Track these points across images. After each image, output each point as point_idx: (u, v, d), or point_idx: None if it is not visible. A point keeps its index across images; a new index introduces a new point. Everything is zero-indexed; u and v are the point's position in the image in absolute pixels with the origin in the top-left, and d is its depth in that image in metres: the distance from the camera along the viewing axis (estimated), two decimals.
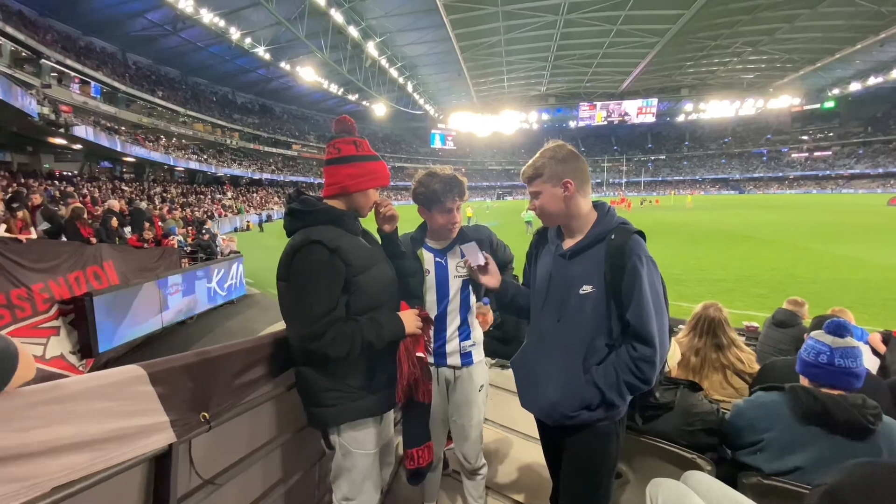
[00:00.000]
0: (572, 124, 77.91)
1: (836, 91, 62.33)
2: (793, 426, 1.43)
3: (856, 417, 1.33)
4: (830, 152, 68.49)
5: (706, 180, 76.45)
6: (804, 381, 1.51)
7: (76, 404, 0.92)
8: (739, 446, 1.58)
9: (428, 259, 1.83)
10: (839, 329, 1.45)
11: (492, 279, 1.66)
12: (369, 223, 1.69)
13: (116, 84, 29.55)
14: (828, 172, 66.26)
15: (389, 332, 1.47)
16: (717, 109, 71.28)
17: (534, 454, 2.59)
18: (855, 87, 57.69)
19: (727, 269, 10.73)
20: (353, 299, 1.46)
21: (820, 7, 34.33)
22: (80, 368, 5.44)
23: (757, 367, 2.25)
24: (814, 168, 68.36)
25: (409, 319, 1.53)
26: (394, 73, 46.29)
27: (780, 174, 70.72)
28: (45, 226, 6.46)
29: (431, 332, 1.69)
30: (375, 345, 1.44)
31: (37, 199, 7.00)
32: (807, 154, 70.82)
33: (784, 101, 66.49)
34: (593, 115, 76.26)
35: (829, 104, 66.15)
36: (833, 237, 15.89)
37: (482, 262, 1.63)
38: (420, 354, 1.53)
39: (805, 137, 71.78)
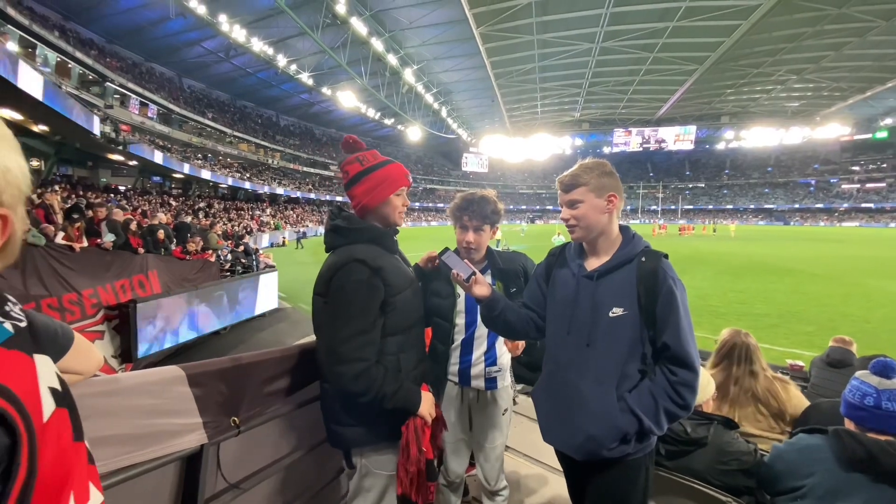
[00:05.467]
0: (606, 150, 77.21)
1: (888, 121, 59.42)
2: (836, 472, 1.34)
3: None
4: (884, 184, 64.77)
5: (748, 210, 73.56)
6: (849, 425, 1.43)
7: (122, 399, 0.99)
8: (778, 491, 1.49)
9: None
10: (886, 369, 1.36)
11: (482, 288, 1.54)
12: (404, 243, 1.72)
13: (172, 106, 31.73)
14: (881, 205, 62.59)
15: (404, 398, 1.44)
16: (759, 137, 69.04)
17: (558, 486, 2.50)
18: None
19: (770, 304, 10.18)
20: (389, 320, 1.47)
21: (869, 35, 33.13)
22: (120, 372, 5.69)
23: (796, 397, 2.13)
24: (866, 200, 64.67)
25: (427, 401, 1.50)
26: (429, 98, 47.55)
27: (829, 205, 67.27)
28: (110, 237, 6.87)
29: (443, 436, 1.66)
30: (387, 402, 1.40)
31: (101, 212, 7.49)
32: (858, 185, 67.22)
33: (832, 131, 63.65)
34: (628, 141, 75.47)
35: (882, 134, 62.82)
36: (888, 273, 14.85)
37: (466, 274, 1.51)
38: (425, 449, 1.47)
39: (856, 168, 68.29)
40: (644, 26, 32.65)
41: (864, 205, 64.36)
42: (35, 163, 20.87)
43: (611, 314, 1.35)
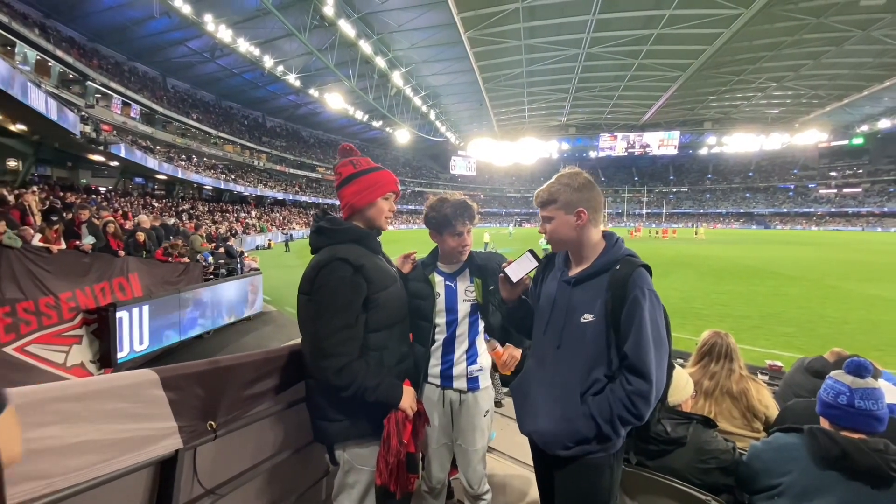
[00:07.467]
0: (592, 154, 78.14)
1: (864, 128, 61.23)
2: (811, 470, 1.36)
3: (877, 464, 1.26)
4: (860, 189, 66.72)
5: (730, 214, 75.06)
6: (824, 423, 1.45)
7: (92, 403, 0.95)
8: (756, 490, 1.51)
9: (439, 282, 1.86)
10: (859, 369, 1.39)
11: (512, 292, 1.59)
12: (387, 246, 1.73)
13: (155, 106, 31.19)
14: (858, 209, 64.41)
15: (386, 392, 1.47)
16: (740, 143, 70.66)
17: None
18: (885, 124, 56.61)
19: (751, 306, 10.38)
20: (372, 316, 1.51)
21: (846, 45, 34.16)
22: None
23: (772, 403, 2.18)
24: (843, 205, 66.55)
25: (408, 396, 1.53)
26: (417, 101, 47.54)
27: (808, 210, 69.03)
28: (90, 239, 6.71)
29: (425, 430, 1.69)
30: (368, 396, 1.44)
31: (84, 214, 7.30)
32: (835, 190, 69.13)
33: (811, 137, 65.47)
34: (614, 145, 76.50)
35: (858, 140, 64.76)
36: (865, 276, 15.28)
37: (515, 279, 1.55)
38: (406, 441, 1.49)
39: (833, 174, 70.26)
40: (629, 33, 33.17)
41: (841, 209, 66.13)
42: (12, 163, 20.34)
43: (581, 320, 1.39)
